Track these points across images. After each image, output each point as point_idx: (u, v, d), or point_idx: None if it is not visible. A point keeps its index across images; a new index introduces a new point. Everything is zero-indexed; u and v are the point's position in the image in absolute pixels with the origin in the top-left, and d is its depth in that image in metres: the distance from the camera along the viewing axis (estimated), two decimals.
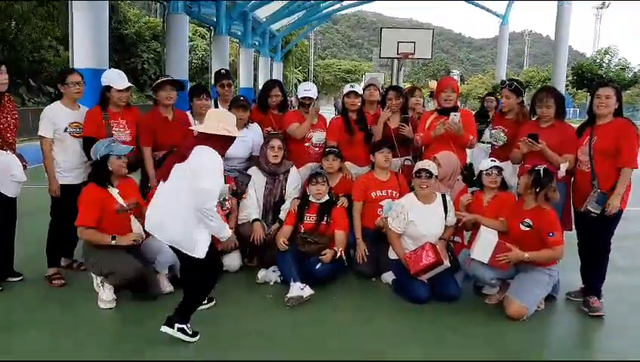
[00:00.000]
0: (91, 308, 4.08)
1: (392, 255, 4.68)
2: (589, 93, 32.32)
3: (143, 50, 31.63)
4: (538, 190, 4.08)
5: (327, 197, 4.86)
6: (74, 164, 4.53)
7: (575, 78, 31.42)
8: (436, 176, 4.57)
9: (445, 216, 4.58)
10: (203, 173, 3.30)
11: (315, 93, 5.54)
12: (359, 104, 5.43)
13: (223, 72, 5.74)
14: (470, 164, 4.99)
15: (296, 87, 51.35)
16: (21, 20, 22.45)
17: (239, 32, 27.91)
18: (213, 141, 3.36)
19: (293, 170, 5.17)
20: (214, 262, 3.67)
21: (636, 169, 4.14)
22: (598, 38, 60.63)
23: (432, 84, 30.03)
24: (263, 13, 29.86)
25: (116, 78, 4.67)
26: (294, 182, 5.13)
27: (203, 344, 3.62)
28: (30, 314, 4.01)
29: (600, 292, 4.35)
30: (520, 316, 4.04)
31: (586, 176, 4.24)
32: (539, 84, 40.39)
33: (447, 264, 4.37)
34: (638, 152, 4.09)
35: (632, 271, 5.31)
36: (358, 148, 5.40)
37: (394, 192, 5.00)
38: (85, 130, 4.58)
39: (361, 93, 5.47)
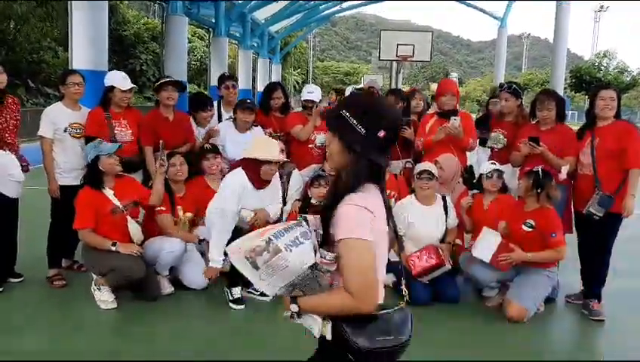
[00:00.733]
0: (92, 309, 4.08)
1: (392, 257, 4.67)
2: (587, 96, 32.53)
3: (141, 52, 31.61)
4: (539, 191, 4.10)
5: None
6: (74, 164, 4.53)
7: (574, 81, 31.56)
8: (437, 178, 4.59)
9: (446, 218, 4.60)
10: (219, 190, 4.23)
11: (319, 96, 5.59)
12: None
13: (226, 74, 5.78)
14: (471, 166, 5.01)
15: (295, 88, 51.51)
16: (20, 21, 22.44)
17: (238, 34, 27.86)
18: (244, 164, 4.17)
19: (295, 172, 5.17)
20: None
21: None
22: (596, 40, 60.82)
23: (434, 86, 30.07)
24: (262, 14, 29.83)
25: (120, 78, 4.72)
26: (296, 185, 5.13)
27: (202, 344, 3.64)
28: (31, 315, 4.02)
29: (600, 296, 4.36)
30: (520, 318, 4.05)
31: (588, 179, 4.25)
32: (537, 86, 40.52)
33: (448, 266, 4.39)
34: None
35: (632, 275, 5.33)
36: None
37: (393, 193, 5.01)
38: (87, 129, 4.59)
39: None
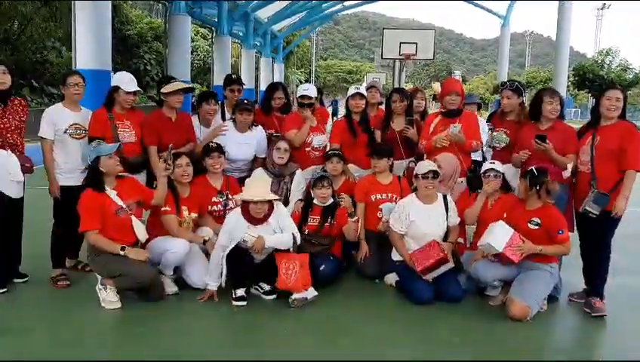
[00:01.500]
0: (97, 309, 4.10)
1: (395, 256, 4.70)
2: (590, 95, 32.38)
3: (145, 51, 31.70)
4: (538, 188, 4.14)
5: (331, 201, 4.89)
6: (74, 165, 4.53)
7: (576, 78, 31.46)
8: (440, 177, 4.61)
9: (447, 216, 4.61)
10: None
11: (314, 93, 5.56)
12: (363, 106, 5.46)
13: (233, 77, 5.77)
14: (475, 166, 5.01)
15: (298, 87, 51.29)
16: (24, 21, 22.49)
17: (241, 33, 27.91)
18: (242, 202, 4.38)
19: (298, 172, 5.20)
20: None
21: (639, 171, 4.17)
22: (599, 38, 60.55)
23: (436, 86, 29.97)
24: (264, 13, 29.86)
25: (126, 80, 4.73)
26: (299, 185, 5.16)
27: (206, 344, 3.66)
28: (35, 316, 4.04)
29: (602, 293, 4.37)
30: (523, 316, 4.05)
31: (586, 177, 4.28)
32: (540, 84, 40.42)
33: (451, 264, 4.41)
34: None
35: (633, 273, 5.32)
36: (361, 151, 5.41)
37: (395, 196, 5.01)
38: (91, 130, 4.61)
39: (366, 94, 5.50)
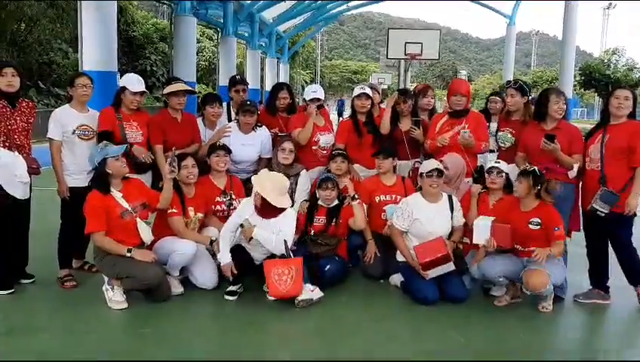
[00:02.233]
0: (103, 310, 4.12)
1: (400, 257, 4.70)
2: (596, 94, 32.15)
3: (150, 52, 31.76)
4: (539, 187, 4.17)
5: (336, 202, 4.89)
6: (82, 166, 4.55)
7: (583, 78, 31.32)
8: (444, 176, 4.60)
9: (452, 216, 4.61)
10: None
11: (322, 94, 5.56)
12: (369, 106, 5.46)
13: (237, 77, 5.79)
14: (481, 166, 5.00)
15: (303, 88, 51.44)
16: (31, 23, 22.60)
17: (246, 34, 27.98)
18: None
19: (303, 173, 5.21)
20: None
21: None
22: (605, 38, 60.33)
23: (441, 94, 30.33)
24: (269, 14, 29.93)
25: (133, 81, 4.79)
26: (304, 185, 5.17)
27: (213, 343, 3.68)
28: (42, 316, 4.07)
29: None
30: (543, 284, 4.02)
31: (595, 175, 4.29)
32: (547, 84, 40.27)
33: (452, 266, 4.40)
34: None
35: None
36: (366, 151, 5.41)
37: (399, 197, 4.99)
38: (101, 124, 4.66)
39: (372, 95, 5.50)
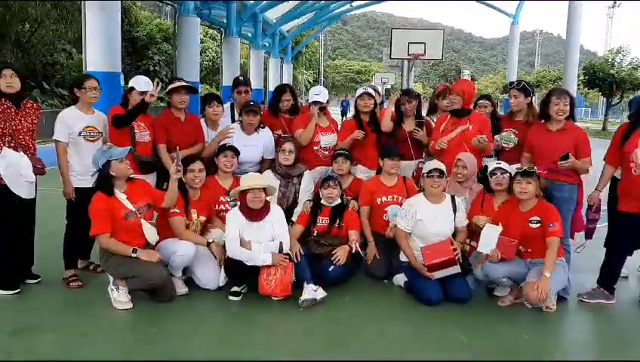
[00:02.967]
0: (108, 310, 4.15)
1: (403, 257, 4.71)
2: (600, 94, 31.88)
3: (154, 53, 31.81)
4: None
5: (339, 201, 4.90)
6: (88, 167, 4.56)
7: (587, 77, 31.22)
8: (446, 176, 4.61)
9: (454, 217, 4.61)
10: None
11: (326, 97, 5.59)
12: (372, 106, 5.47)
13: (240, 78, 5.82)
14: (485, 167, 5.02)
15: (306, 88, 51.49)
16: (35, 24, 22.67)
17: (249, 34, 28.01)
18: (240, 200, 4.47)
19: (306, 173, 5.23)
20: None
21: None
22: (609, 37, 60.07)
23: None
24: (273, 14, 29.95)
25: (140, 81, 4.91)
26: (308, 186, 5.19)
27: (217, 343, 3.70)
28: (48, 316, 4.09)
29: None
30: (540, 300, 4.03)
31: None
32: (550, 83, 40.12)
33: (458, 268, 4.41)
34: None
35: None
36: (370, 150, 5.44)
37: (400, 198, 5.01)
38: (111, 113, 4.76)
39: (374, 95, 5.51)
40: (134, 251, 4.15)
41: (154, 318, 4.06)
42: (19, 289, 4.45)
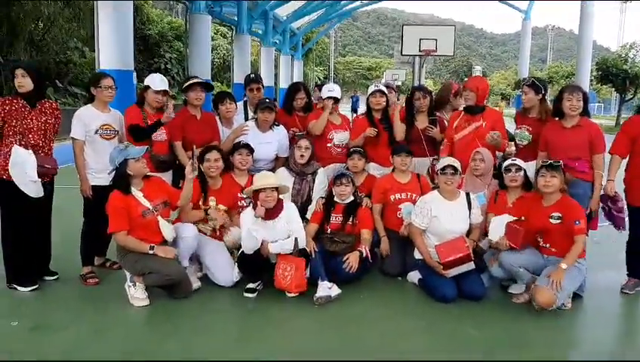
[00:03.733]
0: (125, 306, 4.20)
1: (417, 254, 4.71)
2: (614, 89, 31.61)
3: (166, 50, 31.89)
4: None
5: (352, 198, 4.92)
6: (105, 165, 4.58)
7: (600, 73, 30.93)
8: (460, 173, 4.61)
9: (469, 214, 4.61)
10: None
11: (339, 94, 5.61)
12: (384, 103, 5.48)
13: (252, 76, 5.82)
14: (500, 164, 5.01)
15: (316, 84, 51.38)
16: (48, 22, 22.82)
17: (260, 31, 28.06)
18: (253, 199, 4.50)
19: (321, 170, 5.24)
20: None
21: None
22: (622, 32, 59.54)
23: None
24: (283, 11, 29.97)
25: (156, 80, 4.93)
26: (322, 183, 5.20)
27: (232, 340, 3.74)
28: (66, 313, 4.14)
29: None
30: (549, 304, 4.01)
31: None
32: (563, 79, 39.85)
33: (472, 265, 4.42)
34: None
35: None
36: (382, 149, 5.44)
37: (414, 195, 5.01)
38: (128, 120, 4.80)
39: (386, 92, 5.52)
40: (151, 248, 4.19)
41: (170, 315, 4.10)
42: (37, 286, 4.51)
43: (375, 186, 5.14)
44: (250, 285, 4.48)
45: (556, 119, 4.70)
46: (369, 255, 4.76)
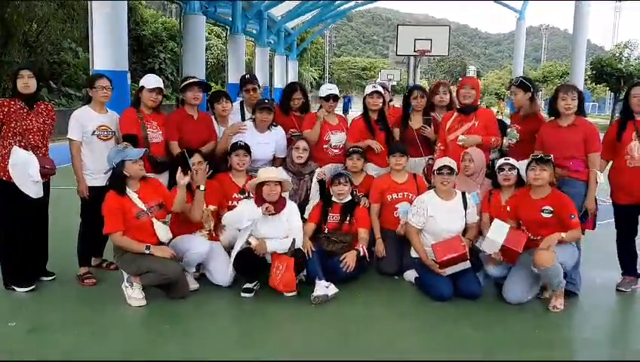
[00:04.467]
0: (122, 307, 4.19)
1: (414, 253, 4.73)
2: (608, 89, 31.64)
3: (160, 51, 31.85)
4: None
5: (349, 198, 4.93)
6: (102, 166, 4.61)
7: (594, 72, 31.07)
8: (456, 173, 4.63)
9: (465, 214, 4.63)
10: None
11: (337, 92, 5.66)
12: (381, 104, 5.49)
13: (247, 77, 5.81)
14: (492, 161, 5.03)
15: (312, 85, 51.41)
16: (42, 23, 22.77)
17: (255, 31, 27.99)
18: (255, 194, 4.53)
19: (318, 170, 5.25)
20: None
21: None
22: (617, 31, 59.68)
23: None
24: (278, 11, 29.92)
25: (150, 79, 4.93)
26: (318, 185, 5.21)
27: (230, 340, 3.75)
28: (63, 313, 4.14)
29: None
30: (548, 262, 4.03)
31: (637, 172, 4.36)
32: (557, 78, 39.96)
33: (468, 264, 4.44)
34: None
35: None
36: None
37: (411, 195, 5.03)
38: (123, 128, 4.75)
39: (383, 93, 5.54)
40: (147, 248, 4.19)
41: (168, 315, 4.10)
42: (34, 286, 4.50)
43: (372, 186, 5.16)
44: (248, 285, 4.49)
45: (552, 119, 4.73)
46: (366, 254, 4.78)
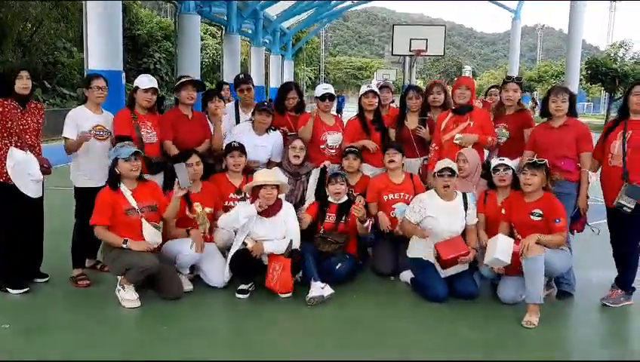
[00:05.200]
0: (116, 308, 4.17)
1: (410, 254, 4.72)
2: (603, 88, 31.74)
3: (155, 50, 31.77)
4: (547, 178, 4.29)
5: (346, 198, 4.92)
6: (97, 166, 4.62)
7: (589, 72, 31.15)
8: (457, 175, 4.62)
9: (465, 214, 4.62)
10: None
11: (333, 92, 5.62)
12: (377, 104, 5.48)
13: (241, 76, 5.79)
14: (488, 162, 5.03)
15: (307, 85, 51.37)
16: (36, 23, 22.70)
17: (250, 31, 27.96)
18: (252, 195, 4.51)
19: (314, 171, 5.24)
20: None
21: None
22: (612, 31, 59.92)
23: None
24: (273, 11, 29.88)
25: (144, 79, 4.91)
26: (315, 183, 5.19)
27: (225, 342, 3.73)
28: (57, 315, 4.12)
29: (626, 285, 4.45)
30: (536, 251, 4.02)
31: (618, 171, 4.30)
32: (552, 78, 40.08)
33: (466, 265, 4.45)
34: None
35: None
36: None
37: (407, 195, 5.02)
38: (117, 129, 4.73)
39: (386, 93, 5.55)
40: (125, 242, 4.18)
41: (162, 317, 4.08)
42: (27, 288, 4.47)
43: (369, 186, 5.15)
44: (242, 286, 4.47)
45: (544, 120, 4.74)
46: (370, 227, 4.77)
